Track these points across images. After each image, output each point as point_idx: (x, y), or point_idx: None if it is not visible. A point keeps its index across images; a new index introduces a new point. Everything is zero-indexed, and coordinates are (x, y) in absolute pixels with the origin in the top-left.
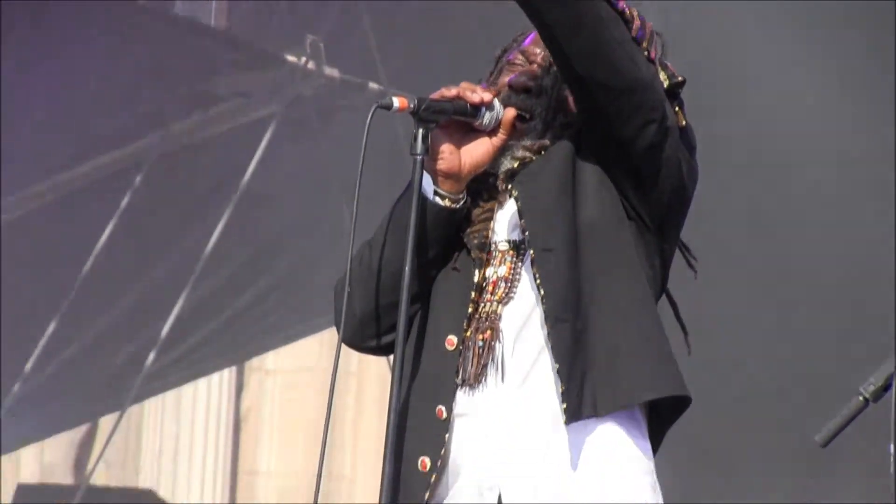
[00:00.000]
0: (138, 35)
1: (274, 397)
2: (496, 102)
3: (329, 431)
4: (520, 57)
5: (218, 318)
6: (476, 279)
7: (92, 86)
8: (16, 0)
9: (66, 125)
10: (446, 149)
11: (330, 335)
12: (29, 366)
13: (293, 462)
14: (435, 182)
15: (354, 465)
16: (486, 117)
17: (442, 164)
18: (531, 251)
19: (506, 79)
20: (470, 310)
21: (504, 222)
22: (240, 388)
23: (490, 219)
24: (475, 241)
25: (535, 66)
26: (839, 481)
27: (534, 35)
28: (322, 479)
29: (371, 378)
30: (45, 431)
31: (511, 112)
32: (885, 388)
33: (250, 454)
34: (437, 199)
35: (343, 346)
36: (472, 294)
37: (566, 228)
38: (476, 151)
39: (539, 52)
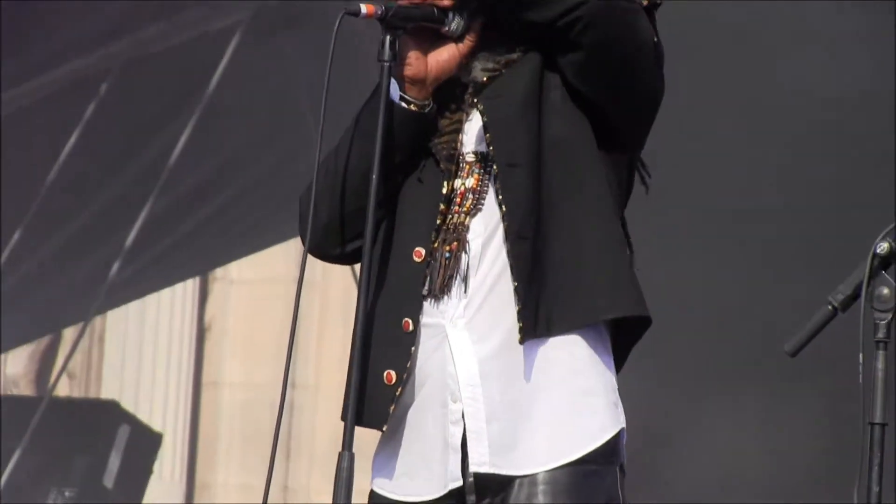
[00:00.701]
0: None
1: (238, 308)
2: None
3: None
4: None
5: (182, 227)
6: (444, 191)
7: None
8: None
9: (29, 33)
10: (413, 55)
11: (295, 245)
12: None
13: (257, 373)
14: (401, 88)
15: (318, 374)
16: (455, 23)
17: (409, 70)
18: (495, 166)
19: None
20: (438, 221)
21: (472, 134)
22: (203, 298)
23: (458, 130)
24: (444, 153)
25: None
26: (808, 393)
27: None
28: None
29: (335, 289)
30: (8, 344)
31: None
32: (854, 296)
33: (214, 365)
34: (403, 104)
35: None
36: (441, 206)
37: (531, 144)
38: (442, 57)
39: None
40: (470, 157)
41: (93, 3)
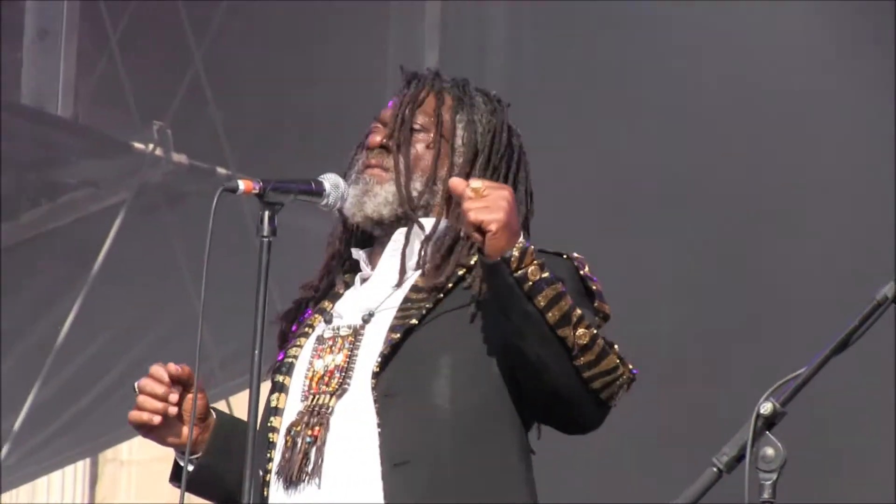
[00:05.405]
0: None
1: (129, 488)
2: (340, 181)
3: None
4: (377, 125)
5: (71, 409)
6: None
7: None
8: None
9: None
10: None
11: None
12: None
13: None
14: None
15: None
16: (332, 196)
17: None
18: (382, 466)
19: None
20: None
21: (340, 309)
22: (94, 479)
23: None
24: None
25: (387, 126)
26: None
27: (391, 104)
28: None
29: None
30: None
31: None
32: (739, 458)
33: None
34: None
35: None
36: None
37: (430, 437)
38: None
39: (389, 111)
40: (344, 332)
41: None
